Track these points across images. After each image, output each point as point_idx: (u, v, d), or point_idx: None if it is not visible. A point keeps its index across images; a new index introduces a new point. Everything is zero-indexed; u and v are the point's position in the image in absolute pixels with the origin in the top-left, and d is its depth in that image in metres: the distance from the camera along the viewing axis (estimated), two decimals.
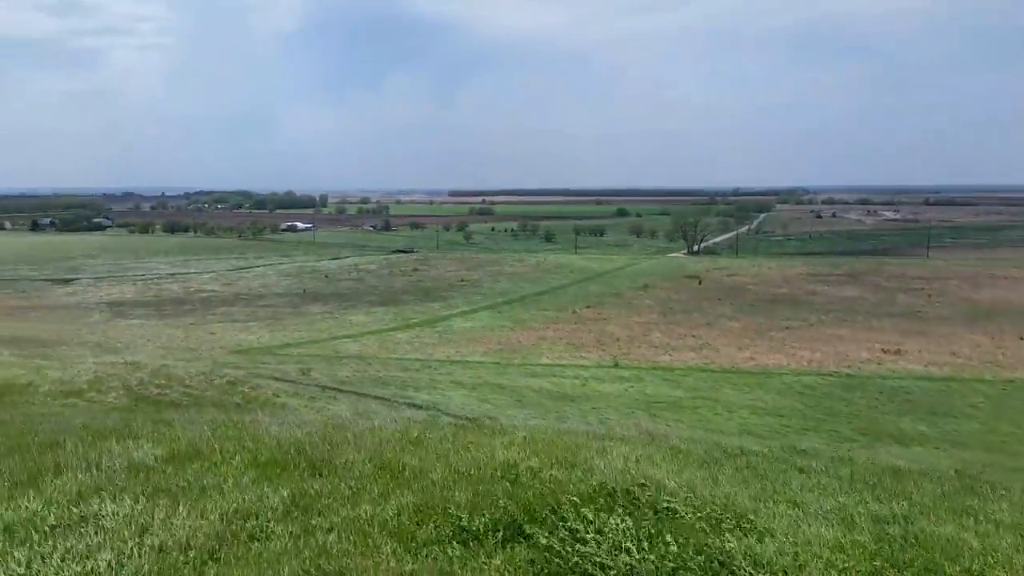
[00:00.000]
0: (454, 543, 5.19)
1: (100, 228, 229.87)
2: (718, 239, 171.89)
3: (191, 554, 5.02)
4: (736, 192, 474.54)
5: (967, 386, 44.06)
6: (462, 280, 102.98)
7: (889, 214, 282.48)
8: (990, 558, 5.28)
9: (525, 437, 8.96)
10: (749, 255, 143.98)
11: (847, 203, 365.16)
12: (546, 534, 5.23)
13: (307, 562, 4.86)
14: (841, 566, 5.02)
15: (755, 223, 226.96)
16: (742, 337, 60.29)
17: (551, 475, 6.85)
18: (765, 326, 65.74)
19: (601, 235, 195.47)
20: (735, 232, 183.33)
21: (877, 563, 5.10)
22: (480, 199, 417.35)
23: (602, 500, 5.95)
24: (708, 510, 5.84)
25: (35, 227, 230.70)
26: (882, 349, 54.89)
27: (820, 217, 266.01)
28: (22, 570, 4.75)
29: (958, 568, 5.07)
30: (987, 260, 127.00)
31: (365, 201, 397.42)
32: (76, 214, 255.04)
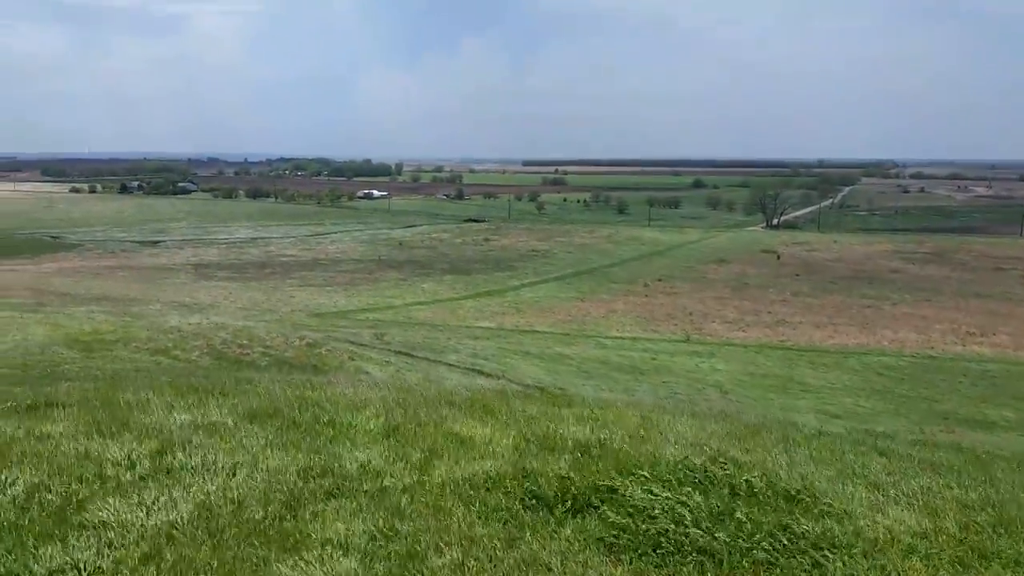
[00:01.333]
0: (523, 511, 5.21)
1: (185, 192, 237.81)
2: (799, 213, 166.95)
3: (269, 508, 5.18)
4: (820, 164, 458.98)
5: None
6: (533, 250, 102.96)
7: (981, 190, 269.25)
8: None
9: (594, 409, 8.91)
10: (831, 230, 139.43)
11: (937, 178, 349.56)
12: (615, 507, 5.21)
13: (381, 521, 4.96)
14: (923, 552, 4.84)
15: (839, 197, 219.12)
16: (820, 315, 58.72)
17: (621, 448, 6.80)
18: (845, 304, 63.86)
19: (676, 207, 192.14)
20: (817, 206, 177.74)
21: (962, 551, 4.90)
22: (553, 169, 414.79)
23: (673, 475, 5.88)
24: (783, 489, 5.71)
25: (124, 190, 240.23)
26: (968, 331, 52.67)
27: (907, 192, 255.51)
28: (112, 518, 4.98)
29: None
30: None
31: (439, 170, 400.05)
32: (163, 178, 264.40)
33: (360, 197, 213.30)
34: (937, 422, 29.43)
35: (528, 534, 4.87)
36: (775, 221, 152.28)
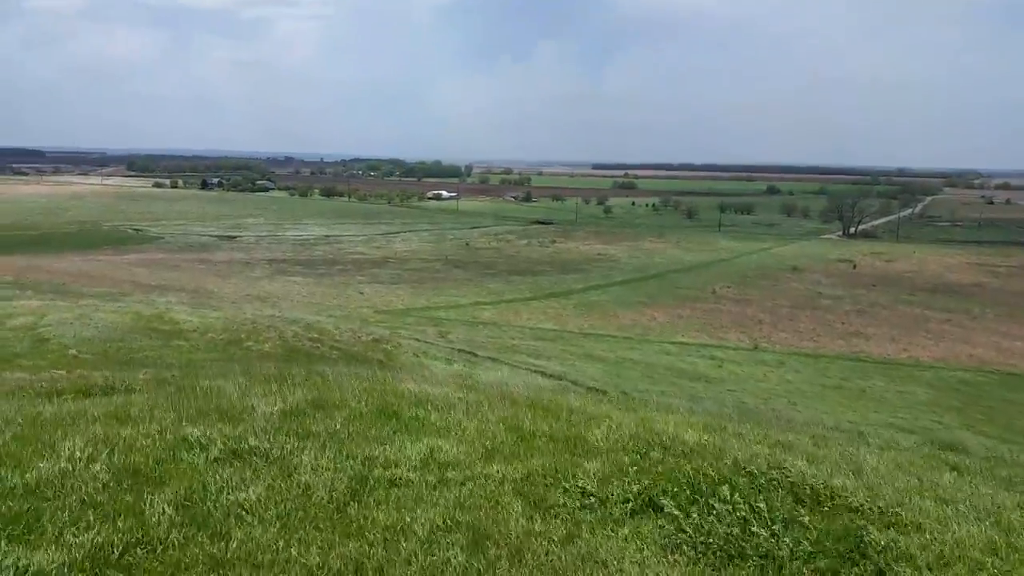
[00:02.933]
0: (583, 509, 5.25)
1: (264, 190, 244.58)
2: (877, 222, 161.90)
3: (334, 494, 5.33)
4: (900, 172, 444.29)
5: None
6: (599, 254, 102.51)
7: None
8: None
9: (657, 413, 8.87)
10: (910, 241, 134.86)
11: (1023, 189, 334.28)
12: (676, 509, 5.19)
13: (442, 511, 5.06)
14: (991, 568, 4.70)
15: (919, 207, 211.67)
16: (896, 327, 56.92)
17: (683, 451, 6.76)
18: (922, 317, 61.74)
19: (748, 213, 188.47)
20: (896, 215, 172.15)
21: None
22: (623, 173, 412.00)
23: (737, 480, 5.82)
24: (850, 499, 5.60)
25: (204, 186, 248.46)
26: None
27: (992, 203, 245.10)
28: (183, 496, 5.20)
29: None
30: None
31: (508, 172, 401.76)
32: (242, 176, 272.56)
33: (430, 198, 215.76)
34: (1015, 439, 28.20)
35: (585, 531, 4.90)
36: (852, 230, 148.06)
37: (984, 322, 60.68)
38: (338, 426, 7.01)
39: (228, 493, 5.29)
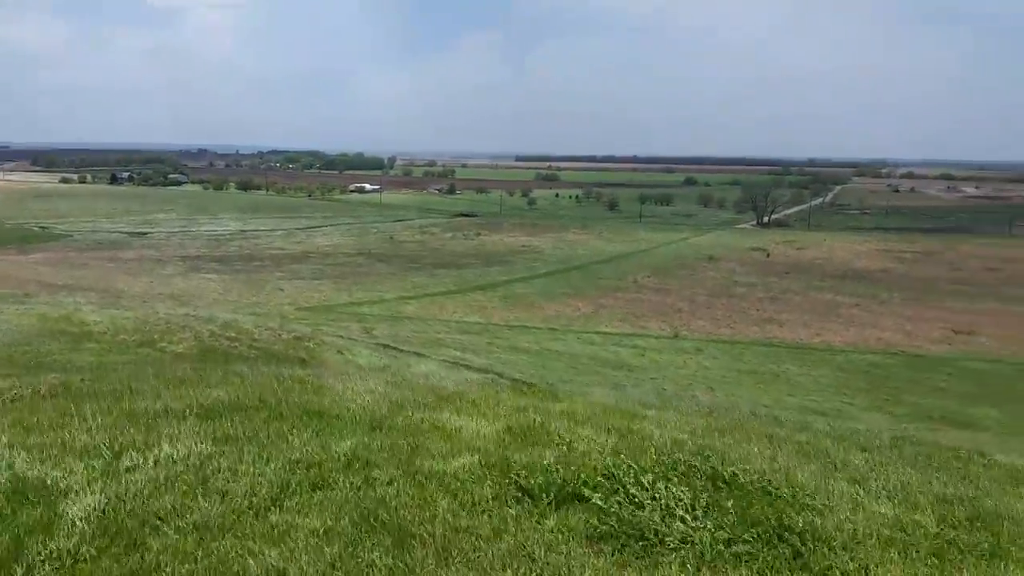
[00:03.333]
0: (509, 502, 5.25)
1: (176, 184, 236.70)
2: (789, 211, 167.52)
3: (254, 500, 5.19)
4: (811, 163, 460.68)
5: None
6: (523, 246, 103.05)
7: (971, 190, 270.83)
8: None
9: (582, 403, 8.97)
10: (821, 229, 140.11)
11: (927, 178, 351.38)
12: (601, 498, 5.25)
13: (367, 512, 4.99)
14: (901, 544, 4.92)
15: (829, 196, 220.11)
16: (808, 313, 59.06)
17: (607, 441, 6.86)
18: (833, 303, 64.23)
19: (668, 204, 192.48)
20: (807, 205, 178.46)
21: (939, 543, 4.98)
22: (546, 165, 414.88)
23: (659, 468, 5.93)
24: (766, 483, 5.77)
25: (114, 180, 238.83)
26: (954, 330, 53.12)
27: (898, 191, 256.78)
28: (95, 507, 4.98)
29: None
30: None
31: (431, 164, 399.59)
32: (154, 170, 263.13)
33: (352, 191, 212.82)
34: (921, 420, 29.69)
35: (512, 525, 4.91)
36: (765, 219, 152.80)
37: (891, 306, 63.53)
38: (258, 428, 6.85)
39: (143, 502, 5.10)
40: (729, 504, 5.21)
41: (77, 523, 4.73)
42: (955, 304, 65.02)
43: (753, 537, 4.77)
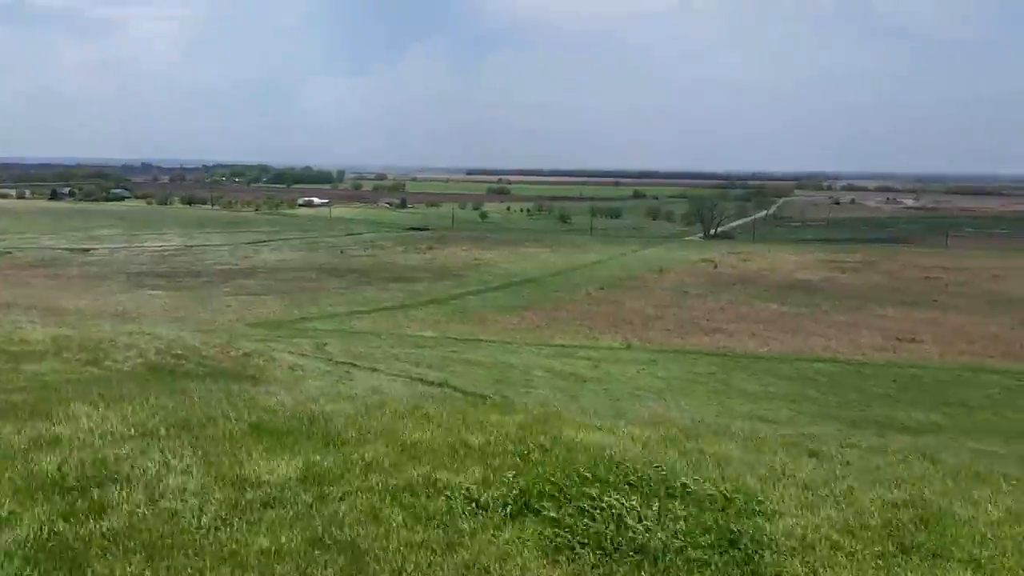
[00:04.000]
0: (464, 515, 5.24)
1: (118, 199, 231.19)
2: (735, 224, 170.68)
3: (203, 519, 5.09)
4: (754, 176, 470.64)
5: (983, 376, 43.73)
6: (476, 259, 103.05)
7: (909, 202, 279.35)
8: (1000, 546, 5.27)
9: (536, 415, 9.01)
10: (766, 241, 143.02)
11: (867, 190, 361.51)
12: (555, 509, 5.28)
13: (319, 530, 4.93)
14: (848, 548, 5.03)
15: (773, 208, 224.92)
16: (756, 323, 60.10)
17: (561, 453, 6.89)
18: (779, 312, 65.48)
19: (617, 217, 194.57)
20: (752, 217, 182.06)
21: (885, 547, 5.11)
22: (497, 179, 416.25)
23: (611, 478, 5.99)
24: (717, 490, 5.86)
25: (54, 196, 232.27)
26: (896, 337, 54.54)
27: (838, 203, 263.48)
28: (37, 532, 4.83)
29: (965, 554, 5.07)
30: (1008, 250, 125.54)
31: (382, 178, 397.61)
32: (95, 184, 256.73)
33: (300, 205, 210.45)
34: (868, 426, 30.34)
35: (467, 538, 4.90)
36: (712, 232, 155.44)
37: (835, 315, 64.97)
38: (206, 446, 6.72)
39: (87, 524, 4.96)
40: (681, 512, 5.28)
41: (17, 550, 4.57)
42: (896, 312, 66.81)
43: (705, 544, 4.85)
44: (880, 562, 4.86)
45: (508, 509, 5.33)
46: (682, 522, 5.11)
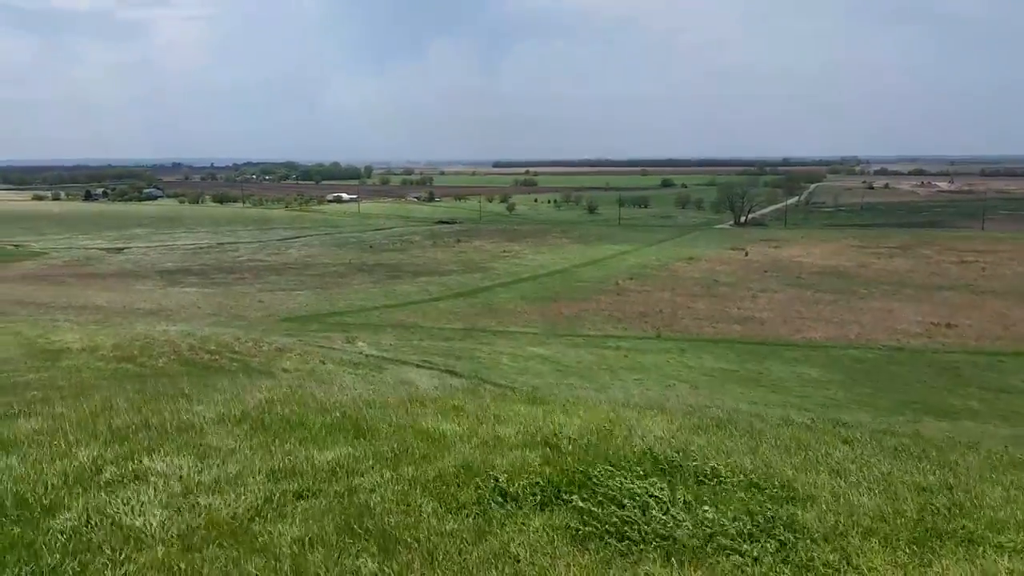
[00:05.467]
0: (493, 505, 5.27)
1: (151, 198, 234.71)
2: (766, 210, 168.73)
3: (238, 511, 5.18)
4: (785, 162, 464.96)
5: (1020, 362, 42.92)
6: (505, 252, 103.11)
7: (943, 185, 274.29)
8: None
9: (565, 406, 9.00)
10: (798, 227, 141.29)
11: (900, 174, 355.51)
12: (583, 498, 5.28)
13: (351, 519, 4.99)
14: (882, 534, 4.98)
15: (805, 194, 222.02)
16: (788, 310, 59.50)
17: (590, 442, 6.89)
18: (813, 299, 64.74)
19: (646, 206, 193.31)
20: (784, 203, 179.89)
21: (919, 532, 5.04)
22: (524, 170, 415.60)
23: (640, 467, 5.98)
24: (748, 477, 5.83)
25: (88, 197, 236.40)
26: (932, 323, 53.70)
27: (872, 188, 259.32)
28: (77, 522, 4.95)
29: (1002, 539, 4.99)
30: None
31: (409, 172, 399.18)
32: (128, 185, 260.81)
33: (329, 201, 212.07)
34: (902, 412, 29.98)
35: (497, 527, 4.92)
36: (743, 219, 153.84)
37: (869, 301, 64.12)
38: (240, 440, 6.82)
39: (126, 517, 5.07)
40: (712, 499, 5.26)
41: (60, 539, 4.69)
42: (932, 297, 65.76)
43: (735, 531, 4.82)
44: (914, 548, 4.80)
45: (537, 498, 5.35)
46: (711, 509, 5.08)
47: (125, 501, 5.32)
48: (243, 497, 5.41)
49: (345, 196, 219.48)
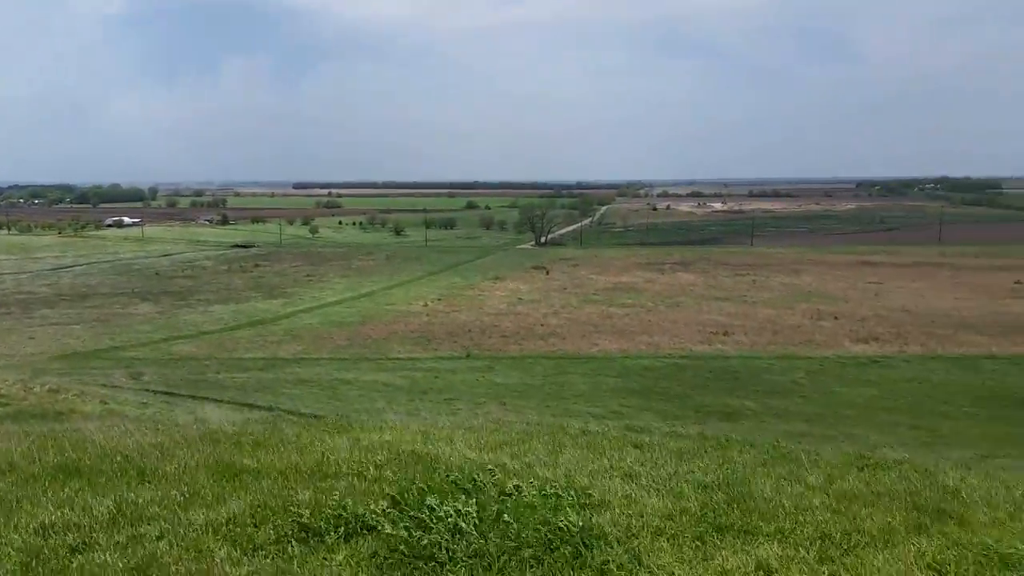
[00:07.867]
0: (294, 542, 5.08)
1: None
2: (564, 231, 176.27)
3: (3, 572, 4.65)
4: (579, 185, 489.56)
5: (789, 363, 47.75)
6: (308, 276, 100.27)
7: (717, 206, 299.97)
8: (801, 517, 5.76)
9: (372, 431, 8.89)
10: (591, 246, 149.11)
11: (680, 196, 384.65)
12: (390, 525, 5.22)
13: (134, 571, 4.61)
14: (669, 533, 5.33)
15: (597, 215, 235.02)
16: (586, 325, 62.38)
17: (397, 468, 6.84)
18: (607, 314, 68.31)
19: (452, 227, 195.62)
20: (579, 224, 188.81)
21: (702, 528, 5.45)
22: (326, 192, 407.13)
23: (447, 487, 6.01)
24: (549, 488, 6.03)
25: None
26: (711, 331, 58.46)
27: (656, 209, 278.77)
28: None
29: (773, 527, 5.50)
30: (805, 247, 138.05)
31: (199, 194, 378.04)
32: None
33: (108, 225, 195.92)
34: (689, 415, 32.35)
35: (297, 566, 4.74)
36: (543, 239, 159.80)
37: (657, 313, 68.69)
38: (3, 494, 6.12)
39: None
40: (515, 513, 5.38)
41: None
42: (710, 308, 71.57)
43: (537, 542, 4.96)
44: (698, 543, 5.18)
45: (341, 531, 5.22)
46: (515, 523, 5.20)
47: None
48: (7, 557, 4.87)
49: (127, 220, 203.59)
